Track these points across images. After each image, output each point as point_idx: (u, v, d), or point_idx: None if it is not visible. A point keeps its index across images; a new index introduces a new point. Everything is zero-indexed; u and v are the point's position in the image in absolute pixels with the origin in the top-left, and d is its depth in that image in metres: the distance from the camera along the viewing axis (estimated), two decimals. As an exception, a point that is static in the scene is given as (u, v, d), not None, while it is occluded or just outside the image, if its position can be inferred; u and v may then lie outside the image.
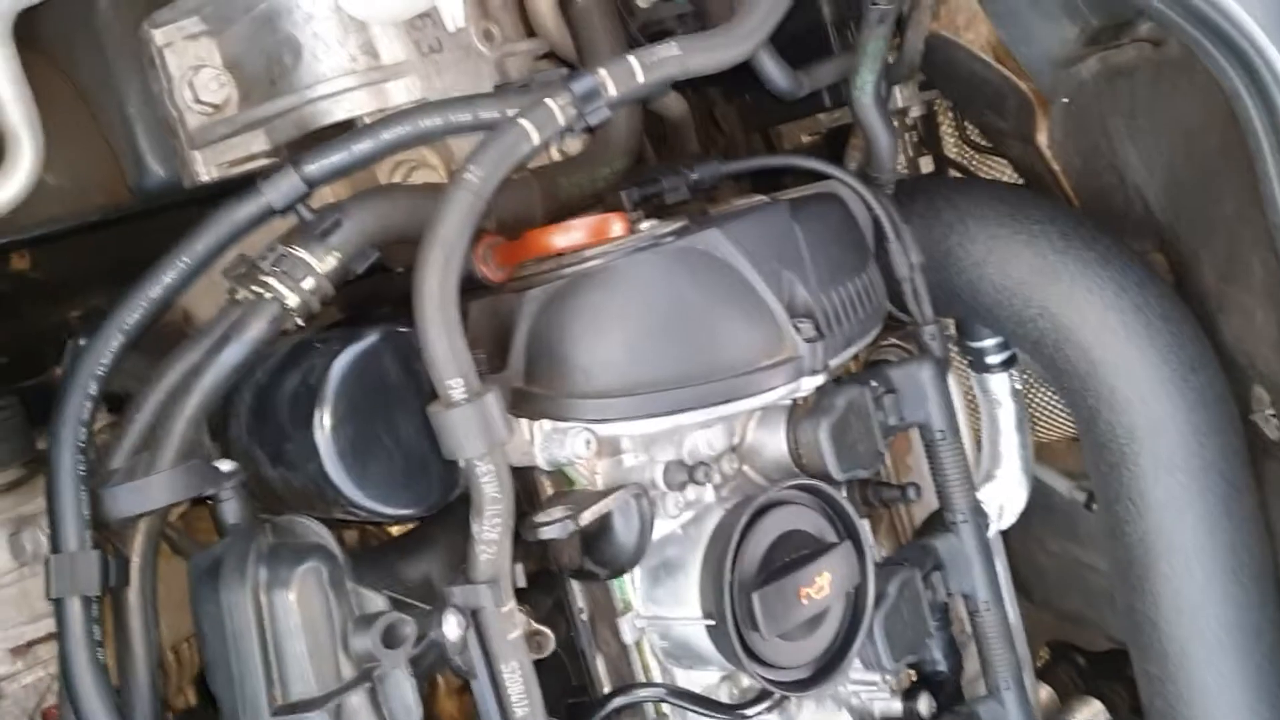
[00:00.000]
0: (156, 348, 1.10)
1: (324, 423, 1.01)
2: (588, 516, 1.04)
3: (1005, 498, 1.59)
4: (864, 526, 1.21)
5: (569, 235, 1.08)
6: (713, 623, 1.09)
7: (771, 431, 1.22)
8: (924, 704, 1.30)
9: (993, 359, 1.55)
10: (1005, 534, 1.61)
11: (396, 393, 1.06)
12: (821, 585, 1.13)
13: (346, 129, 1.15)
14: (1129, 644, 1.49)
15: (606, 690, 1.16)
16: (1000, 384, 1.57)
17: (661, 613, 1.13)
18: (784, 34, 1.17)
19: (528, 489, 1.14)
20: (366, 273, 1.11)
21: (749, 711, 1.17)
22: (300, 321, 1.07)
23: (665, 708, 1.16)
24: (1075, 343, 1.38)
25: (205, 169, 1.23)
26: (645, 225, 1.18)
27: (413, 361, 1.06)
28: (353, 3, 1.10)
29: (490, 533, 0.99)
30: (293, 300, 1.05)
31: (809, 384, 1.18)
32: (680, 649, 1.16)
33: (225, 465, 1.04)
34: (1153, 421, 1.37)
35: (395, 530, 1.33)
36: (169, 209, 1.35)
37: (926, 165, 1.76)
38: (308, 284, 1.06)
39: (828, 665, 1.18)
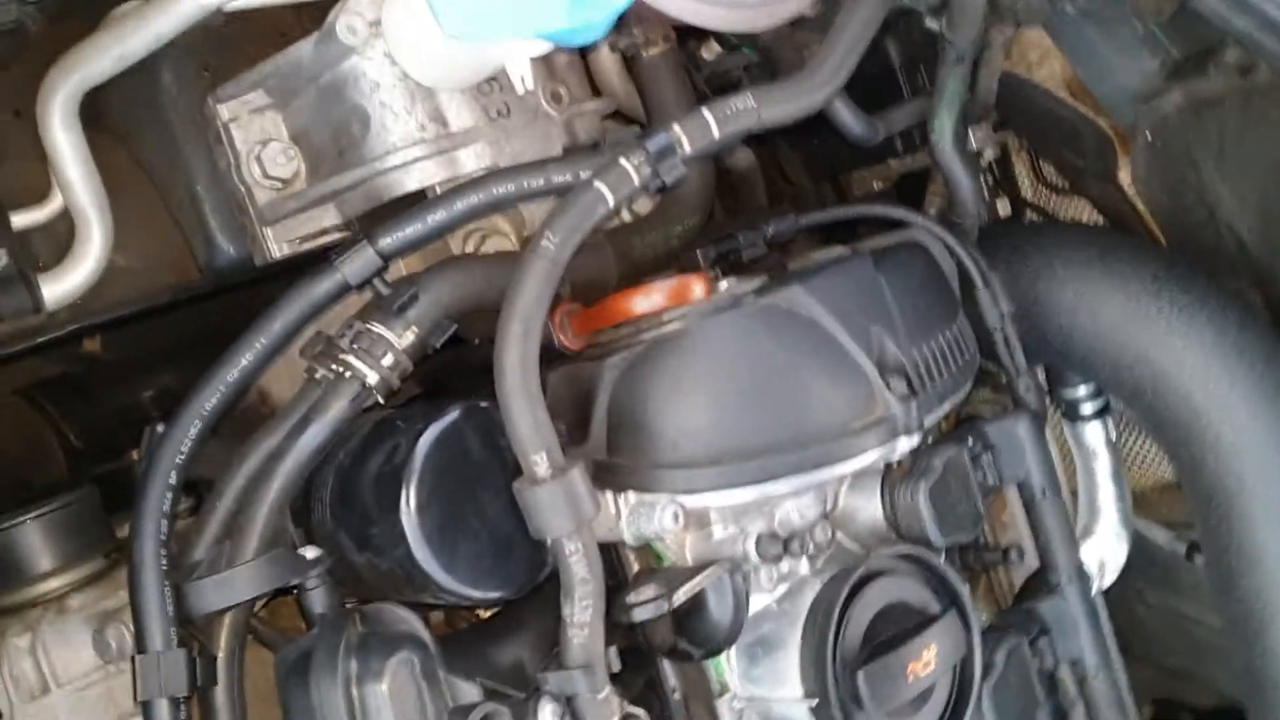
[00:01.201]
0: (234, 430, 1.08)
1: (410, 506, 0.98)
2: (681, 595, 0.99)
3: (1105, 554, 1.52)
4: (967, 594, 1.15)
5: (648, 299, 1.05)
6: (816, 702, 1.04)
7: (866, 496, 1.17)
8: (1034, 776, 1.24)
9: (1087, 408, 1.49)
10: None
11: (480, 470, 1.03)
12: (928, 659, 1.07)
13: (418, 198, 1.13)
14: (1246, 703, 1.41)
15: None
16: (1095, 434, 1.50)
17: (760, 693, 1.08)
18: (851, 77, 1.14)
19: (613, 565, 1.10)
20: (444, 345, 1.08)
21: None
22: (380, 399, 1.04)
23: (765, 789, 1.11)
24: (1175, 389, 1.31)
25: (277, 245, 1.21)
26: (724, 284, 1.14)
27: (496, 436, 1.03)
28: (420, 70, 1.08)
29: (582, 615, 0.95)
30: (373, 378, 1.03)
31: (904, 445, 1.13)
32: (781, 730, 1.11)
33: (310, 552, 1.01)
34: (1263, 468, 1.30)
35: (483, 612, 1.29)
36: (241, 286, 1.34)
37: (1004, 209, 1.71)
38: (387, 360, 1.03)
39: (935, 742, 1.12)
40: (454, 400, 1.04)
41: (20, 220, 1.26)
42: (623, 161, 1.00)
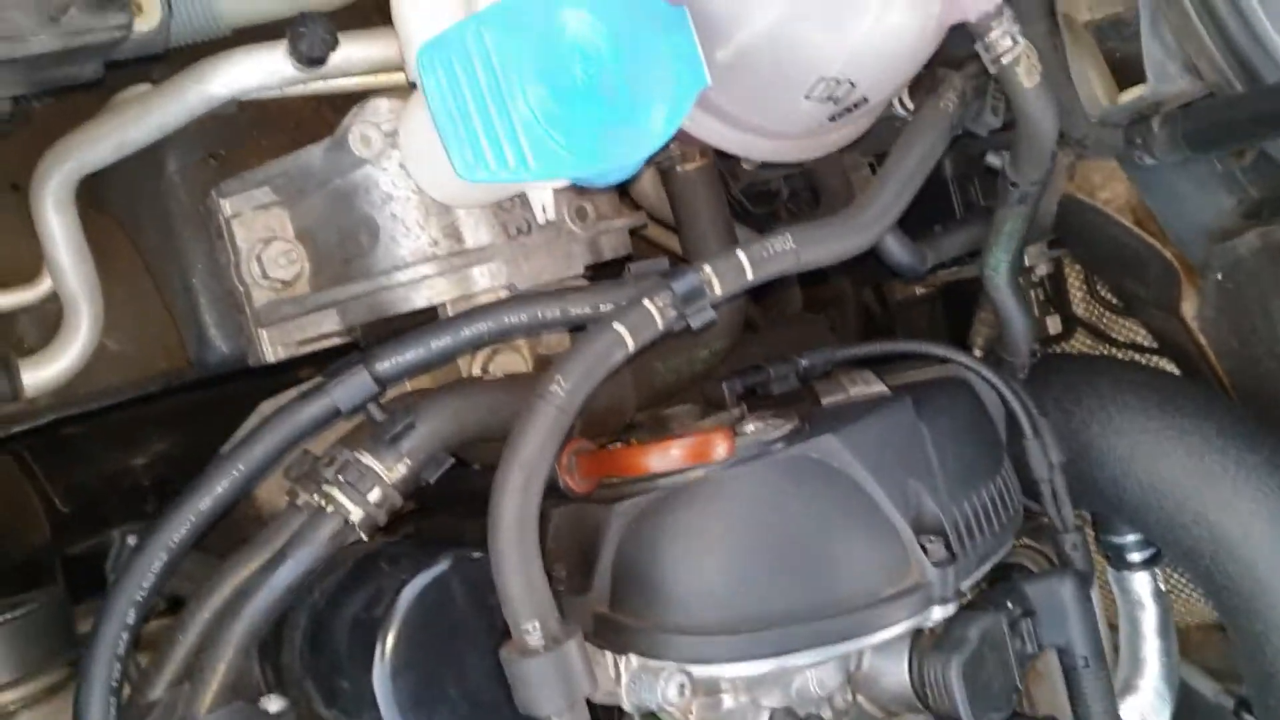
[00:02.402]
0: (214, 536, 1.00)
1: (384, 668, 0.89)
2: (684, 784, 0.90)
3: (1147, 711, 1.41)
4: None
5: (665, 457, 0.95)
6: None
7: (893, 660, 1.07)
8: None
9: (1134, 556, 1.39)
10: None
11: (465, 629, 0.94)
12: None
13: (425, 311, 1.05)
14: None
15: None
16: (1142, 583, 1.40)
17: None
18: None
19: (609, 728, 1.00)
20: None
21: None
22: (364, 536, 0.96)
23: None
24: (1238, 558, 1.21)
25: (272, 349, 1.13)
26: (751, 427, 1.04)
27: (485, 593, 0.94)
28: (436, 188, 1.00)
29: (571, 806, 0.85)
30: (357, 515, 0.95)
31: (938, 614, 1.03)
32: None
33: (274, 704, 0.92)
34: (1331, 652, 1.19)
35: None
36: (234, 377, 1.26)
37: (1053, 325, 1.61)
38: (374, 495, 0.95)
39: None
40: (442, 548, 0.95)
41: (6, 300, 1.19)
42: (646, 303, 0.91)
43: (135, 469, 1.69)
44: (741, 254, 0.95)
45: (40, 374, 1.18)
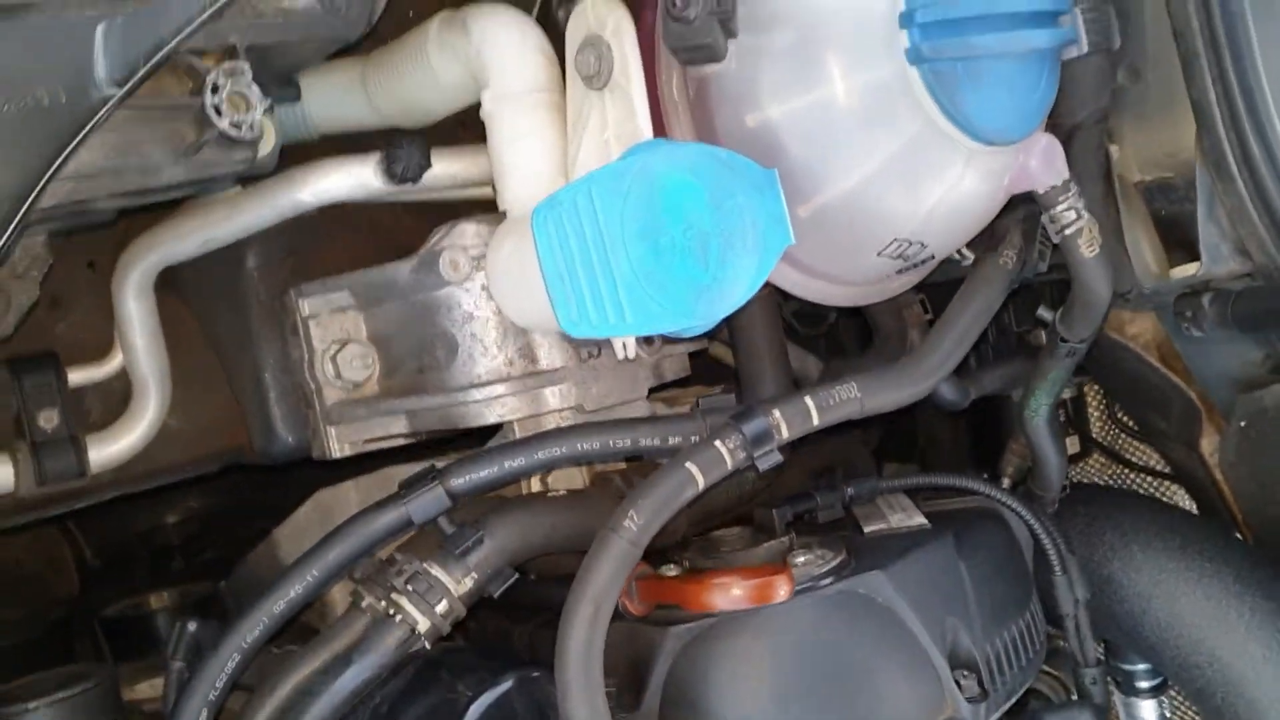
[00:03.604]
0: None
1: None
2: None
3: (1147, 838, 1.45)
4: None
5: (729, 597, 0.99)
6: None
7: (919, 790, 1.11)
8: None
9: (1143, 683, 1.44)
10: None
11: (526, 748, 0.96)
12: None
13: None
14: None
15: None
16: (1149, 711, 1.44)
17: None
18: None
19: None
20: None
21: None
22: (428, 645, 0.99)
23: None
24: (1249, 701, 1.25)
25: (339, 445, 1.16)
26: (801, 560, 1.08)
27: (546, 711, 0.97)
28: (518, 315, 1.04)
29: None
30: (424, 625, 0.98)
31: (968, 750, 1.07)
32: None
33: (335, 808, 0.95)
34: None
35: None
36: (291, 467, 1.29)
37: (1071, 446, 1.66)
38: (441, 607, 0.98)
39: None
40: (506, 665, 0.98)
41: (77, 377, 1.22)
42: (718, 444, 0.95)
43: (166, 527, 1.72)
44: (809, 400, 0.99)
45: (105, 451, 1.21)
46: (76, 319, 1.24)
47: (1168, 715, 1.46)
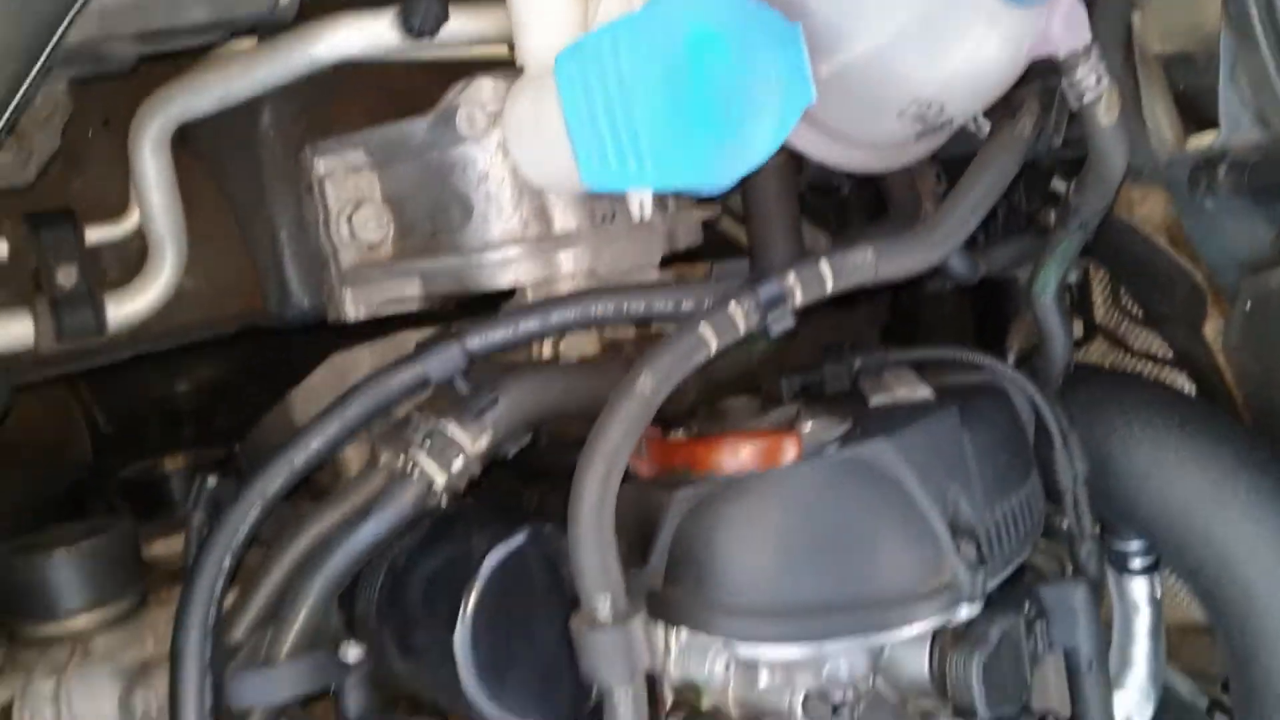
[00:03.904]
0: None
1: (466, 635, 0.95)
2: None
3: (1131, 710, 1.49)
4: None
5: (736, 457, 1.01)
6: None
7: (915, 651, 1.14)
8: None
9: (1136, 562, 1.46)
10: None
11: (537, 596, 1.00)
12: None
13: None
14: None
15: None
16: (1140, 588, 1.47)
17: None
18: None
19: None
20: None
21: None
22: (444, 501, 1.01)
23: None
24: (1238, 579, 1.28)
25: (354, 307, 1.17)
26: (808, 427, 1.10)
27: (557, 563, 1.00)
28: (535, 173, 1.04)
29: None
30: (440, 481, 1.00)
31: (965, 613, 1.10)
32: None
33: (352, 654, 0.98)
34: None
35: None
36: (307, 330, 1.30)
37: (1075, 330, 1.67)
38: (457, 465, 1.00)
39: None
40: (520, 518, 1.01)
41: (94, 235, 1.23)
42: (732, 306, 0.96)
43: (177, 395, 1.74)
44: (825, 264, 1.00)
45: (122, 310, 1.21)
46: (92, 177, 1.24)
47: (1159, 594, 1.49)
